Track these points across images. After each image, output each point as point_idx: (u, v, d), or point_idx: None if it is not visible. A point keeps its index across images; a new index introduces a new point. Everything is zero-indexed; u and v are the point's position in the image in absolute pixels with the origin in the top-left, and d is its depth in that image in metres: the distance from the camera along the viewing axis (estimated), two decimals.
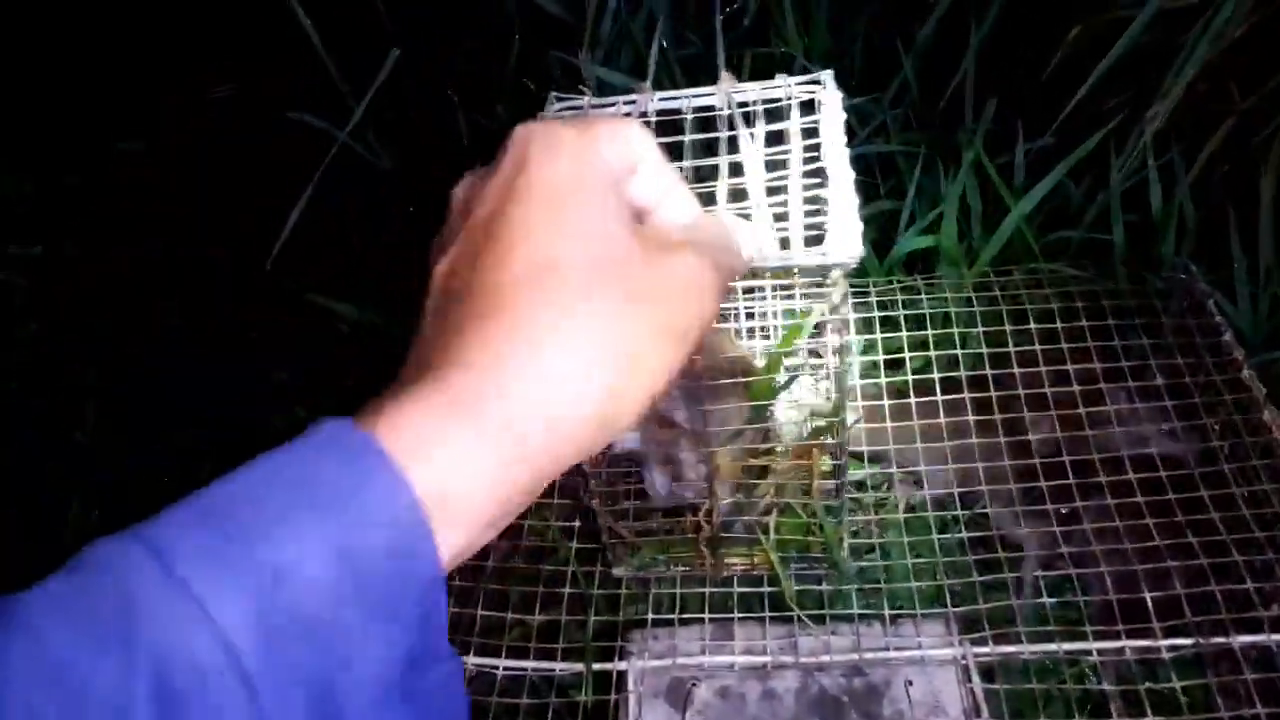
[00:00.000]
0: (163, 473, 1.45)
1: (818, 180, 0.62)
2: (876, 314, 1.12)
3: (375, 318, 1.45)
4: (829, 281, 0.65)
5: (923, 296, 1.14)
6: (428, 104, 1.61)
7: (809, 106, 0.68)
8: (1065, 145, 1.29)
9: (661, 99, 0.70)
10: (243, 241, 1.45)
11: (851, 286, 0.92)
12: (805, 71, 0.70)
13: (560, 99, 0.72)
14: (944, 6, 1.39)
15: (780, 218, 0.61)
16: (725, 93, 0.68)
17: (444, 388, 0.33)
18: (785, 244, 0.60)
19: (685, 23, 1.50)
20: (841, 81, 0.70)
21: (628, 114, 0.69)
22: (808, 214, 0.61)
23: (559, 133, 0.38)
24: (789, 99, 0.68)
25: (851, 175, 0.61)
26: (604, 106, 0.71)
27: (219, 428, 1.49)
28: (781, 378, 0.85)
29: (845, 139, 0.64)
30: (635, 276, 0.36)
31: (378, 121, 1.57)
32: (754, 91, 0.69)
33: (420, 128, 1.62)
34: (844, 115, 0.65)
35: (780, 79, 0.70)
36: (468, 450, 0.32)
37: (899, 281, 1.17)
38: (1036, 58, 1.35)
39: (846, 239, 0.59)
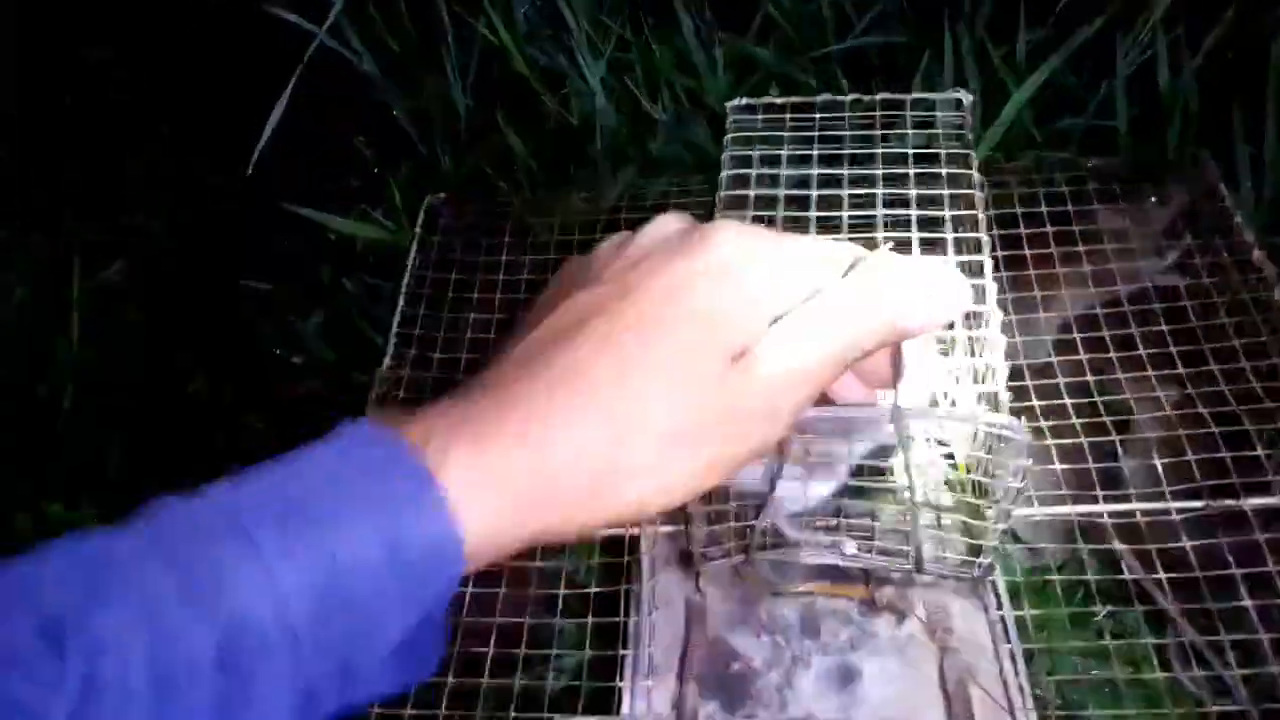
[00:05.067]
0: (150, 382, 1.44)
1: None
2: None
3: (362, 230, 1.42)
4: None
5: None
6: None
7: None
8: (1067, 38, 1.27)
9: None
10: (220, 147, 1.41)
11: None
12: None
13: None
14: None
15: None
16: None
17: (493, 420, 0.37)
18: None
19: None
20: None
21: None
22: None
23: (751, 252, 0.42)
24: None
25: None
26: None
27: (203, 339, 1.49)
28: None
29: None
30: (708, 424, 0.39)
31: (357, 19, 1.53)
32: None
33: (400, 25, 1.57)
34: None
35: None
36: (496, 481, 0.36)
37: None
38: None
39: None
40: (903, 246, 0.65)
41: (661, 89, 1.42)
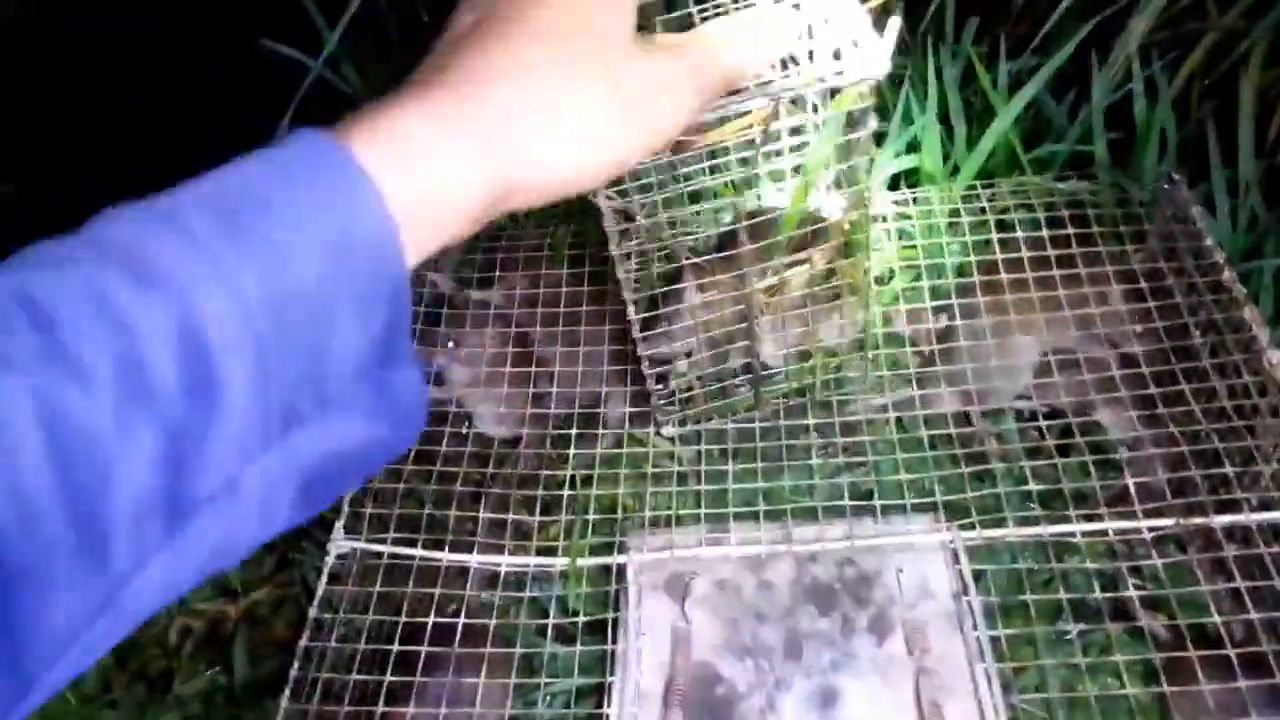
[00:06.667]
0: None
1: None
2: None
3: None
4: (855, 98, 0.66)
5: (912, 210, 1.16)
6: (402, 32, 1.59)
7: None
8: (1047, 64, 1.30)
9: None
10: None
11: None
12: None
13: None
14: None
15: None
16: None
17: (427, 99, 0.38)
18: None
19: None
20: None
21: None
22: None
23: None
24: None
25: None
26: None
27: None
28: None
29: None
30: (620, 69, 0.42)
31: (353, 52, 1.56)
32: None
33: (395, 58, 1.61)
34: None
35: None
36: (440, 159, 0.36)
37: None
38: None
39: (874, 51, 0.61)
40: None
41: None
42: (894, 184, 1.30)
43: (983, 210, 1.14)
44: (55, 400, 0.28)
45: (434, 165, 0.36)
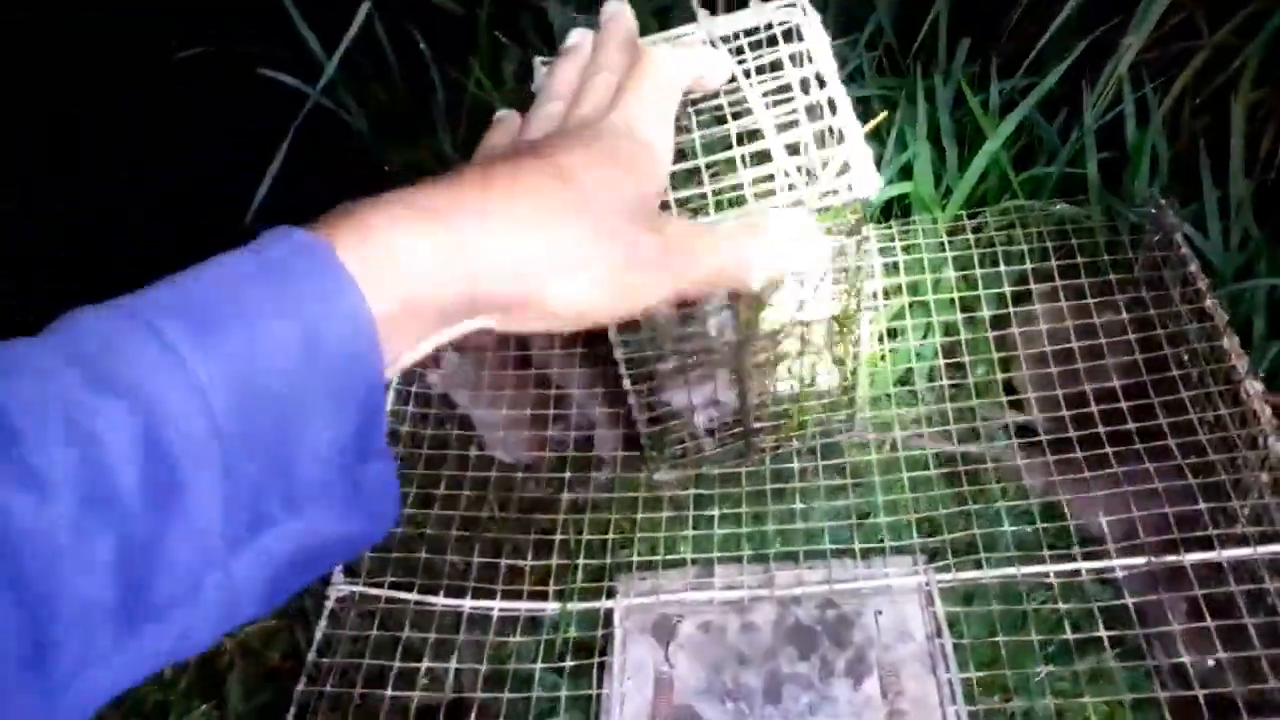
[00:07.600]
0: None
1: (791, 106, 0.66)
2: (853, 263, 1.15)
3: None
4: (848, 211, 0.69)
5: (896, 244, 1.17)
6: (400, 59, 1.62)
7: (788, 35, 0.72)
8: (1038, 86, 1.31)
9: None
10: (218, 203, 1.47)
11: None
12: None
13: (546, 63, 0.73)
14: None
15: (793, 151, 0.66)
16: (706, 30, 0.70)
17: (410, 202, 0.38)
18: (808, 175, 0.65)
19: None
20: None
21: None
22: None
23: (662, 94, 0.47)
24: (769, 28, 0.72)
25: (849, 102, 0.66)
26: None
27: None
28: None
29: (835, 64, 0.68)
30: (618, 230, 0.42)
31: (350, 79, 1.59)
32: (730, 25, 0.72)
33: (393, 84, 1.64)
34: (828, 38, 0.69)
35: (755, 5, 0.72)
36: (417, 265, 0.36)
37: (874, 226, 1.20)
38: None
39: (866, 172, 0.63)
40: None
41: None
42: (886, 209, 1.31)
43: (970, 243, 1.15)
44: (10, 509, 0.28)
45: (407, 259, 0.36)
